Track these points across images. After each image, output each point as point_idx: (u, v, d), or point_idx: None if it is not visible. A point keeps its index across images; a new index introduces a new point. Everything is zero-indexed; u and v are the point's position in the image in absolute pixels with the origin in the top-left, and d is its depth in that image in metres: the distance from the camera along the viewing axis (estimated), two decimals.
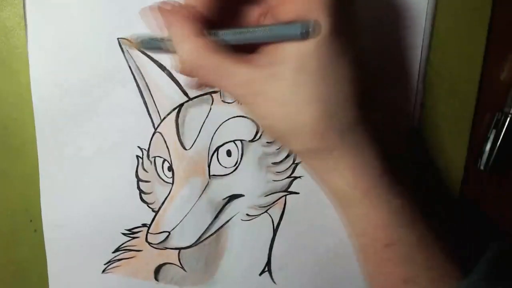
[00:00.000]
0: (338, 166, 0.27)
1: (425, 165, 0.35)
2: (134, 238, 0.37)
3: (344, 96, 0.25)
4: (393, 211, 0.27)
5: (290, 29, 0.24)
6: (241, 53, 0.26)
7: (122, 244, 0.37)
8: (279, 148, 0.36)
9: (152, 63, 0.34)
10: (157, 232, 0.36)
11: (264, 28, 0.25)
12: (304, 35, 0.23)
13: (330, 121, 0.25)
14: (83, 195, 0.36)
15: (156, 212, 0.36)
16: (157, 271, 0.38)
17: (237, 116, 0.35)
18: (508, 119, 0.34)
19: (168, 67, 0.34)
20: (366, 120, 0.27)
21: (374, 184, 0.27)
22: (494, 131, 0.35)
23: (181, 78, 0.34)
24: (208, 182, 0.36)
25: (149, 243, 0.37)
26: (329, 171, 0.27)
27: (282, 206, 0.37)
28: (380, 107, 0.34)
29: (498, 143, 0.34)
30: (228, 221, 0.37)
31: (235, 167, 0.36)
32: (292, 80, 0.24)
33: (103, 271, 0.37)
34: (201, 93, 0.34)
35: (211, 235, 0.37)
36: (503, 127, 0.34)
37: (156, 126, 0.35)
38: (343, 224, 0.30)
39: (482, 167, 0.35)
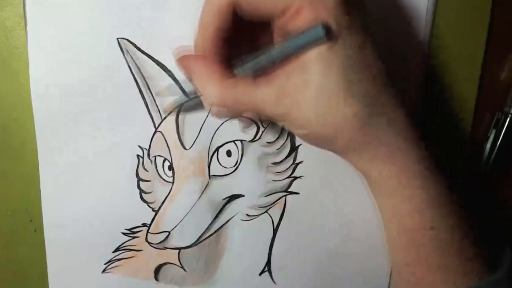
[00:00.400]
0: (377, 158, 0.27)
1: None
2: (134, 237, 0.37)
3: (374, 86, 0.26)
4: (432, 195, 0.27)
5: (312, 34, 0.24)
6: (263, 76, 0.27)
7: (122, 244, 0.37)
8: (279, 148, 0.36)
9: (152, 63, 0.34)
10: (157, 232, 0.36)
11: (284, 43, 0.25)
12: (328, 34, 0.24)
13: (368, 112, 0.26)
14: (83, 194, 0.36)
15: (156, 212, 0.36)
16: (157, 271, 0.38)
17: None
18: (508, 119, 0.34)
19: (168, 67, 0.34)
20: (400, 101, 0.27)
21: (413, 169, 0.27)
22: (494, 131, 0.35)
23: (181, 78, 0.34)
24: (208, 182, 0.36)
25: (149, 243, 0.37)
26: (369, 162, 0.28)
27: (282, 206, 0.37)
28: None
29: (498, 143, 0.34)
30: (228, 221, 0.37)
31: (235, 167, 0.36)
32: (320, 86, 0.25)
33: (103, 271, 0.37)
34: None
35: (211, 235, 0.37)
36: (503, 127, 0.34)
37: (156, 126, 0.35)
38: (380, 212, 0.30)
39: (482, 167, 0.35)
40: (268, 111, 0.27)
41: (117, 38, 0.33)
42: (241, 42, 0.28)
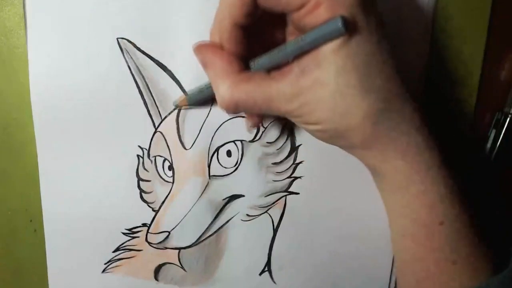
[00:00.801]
0: (389, 153, 0.27)
1: None
2: (134, 237, 0.37)
3: (388, 83, 0.26)
4: (444, 191, 0.27)
5: (331, 26, 0.23)
6: (274, 72, 0.27)
7: (122, 244, 0.37)
8: (279, 148, 0.36)
9: (152, 63, 0.34)
10: (157, 232, 0.36)
11: (300, 36, 0.25)
12: (346, 28, 0.23)
13: (382, 108, 0.26)
14: (83, 194, 0.36)
15: (156, 212, 0.36)
16: (157, 271, 0.38)
17: (237, 116, 0.35)
18: (508, 119, 0.34)
19: (168, 67, 0.34)
20: (411, 99, 0.27)
21: (425, 165, 0.27)
22: (494, 131, 0.35)
23: (181, 78, 0.34)
24: (208, 182, 0.36)
25: (149, 243, 0.37)
26: (381, 158, 0.28)
27: (282, 206, 0.37)
28: None
29: (498, 143, 0.34)
30: (228, 221, 0.37)
31: (235, 167, 0.36)
32: (335, 83, 0.25)
33: (103, 270, 0.37)
34: None
35: (211, 235, 0.37)
36: (503, 127, 0.34)
37: (156, 126, 0.35)
38: (387, 209, 0.30)
39: (482, 167, 0.35)
40: (282, 107, 0.26)
41: (117, 38, 0.33)
42: (257, 37, 0.28)
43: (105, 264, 0.37)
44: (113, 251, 0.37)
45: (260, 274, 0.38)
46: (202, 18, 0.33)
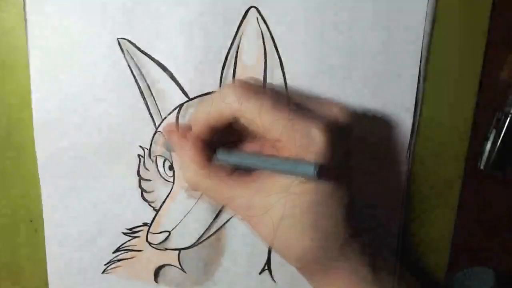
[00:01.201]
0: (326, 281, 0.29)
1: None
2: (134, 237, 0.37)
3: (338, 223, 0.27)
4: None
5: (304, 168, 0.25)
6: (238, 172, 0.28)
7: (122, 244, 0.37)
8: None
9: (152, 63, 0.34)
10: (158, 231, 0.36)
11: (277, 160, 0.26)
12: (317, 175, 0.24)
13: (325, 248, 0.27)
14: (83, 194, 0.36)
15: (157, 211, 0.36)
16: (157, 273, 0.38)
17: None
18: (508, 119, 0.34)
19: (168, 67, 0.34)
20: (356, 235, 0.28)
21: None
22: (494, 131, 0.35)
23: (181, 79, 0.34)
24: None
25: (150, 243, 0.37)
26: (319, 283, 0.29)
27: None
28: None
29: (498, 143, 0.34)
30: (228, 220, 0.37)
31: None
32: (285, 214, 0.26)
33: (103, 271, 0.37)
34: (201, 93, 0.34)
35: (211, 235, 0.37)
36: (503, 127, 0.34)
37: (157, 126, 0.35)
38: None
39: (482, 167, 0.35)
40: (237, 209, 0.28)
41: (117, 38, 0.33)
42: (230, 132, 0.29)
43: (105, 265, 0.37)
44: (113, 252, 0.37)
45: (260, 273, 0.38)
46: (202, 19, 0.33)
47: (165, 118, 0.35)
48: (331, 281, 0.29)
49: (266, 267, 0.38)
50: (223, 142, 0.29)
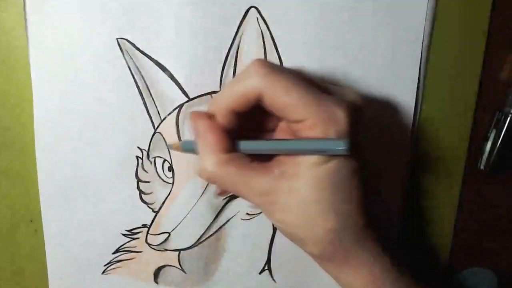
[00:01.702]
0: (355, 274, 0.28)
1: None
2: (134, 239, 0.37)
3: (355, 209, 0.27)
4: None
5: (334, 144, 0.25)
6: (258, 161, 0.28)
7: (122, 245, 0.37)
8: None
9: (152, 63, 0.34)
10: (157, 233, 0.36)
11: (302, 141, 0.26)
12: (347, 151, 0.24)
13: (342, 232, 0.27)
14: (83, 195, 0.36)
15: (156, 213, 0.36)
16: (157, 273, 0.38)
17: None
18: (508, 119, 0.34)
19: (168, 68, 0.34)
20: (371, 224, 0.28)
21: (380, 281, 0.28)
22: (494, 131, 0.35)
23: (181, 79, 0.34)
24: (208, 183, 0.35)
25: (149, 245, 0.37)
26: (338, 271, 0.29)
27: None
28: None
29: (498, 143, 0.34)
30: (228, 221, 0.37)
31: None
32: (306, 196, 0.26)
33: (103, 272, 0.37)
34: (201, 93, 0.34)
35: (211, 235, 0.37)
36: (503, 127, 0.34)
37: (156, 127, 0.35)
38: None
39: (482, 167, 0.35)
40: (252, 197, 0.28)
41: (117, 39, 0.33)
42: (251, 117, 0.28)
43: (104, 265, 0.37)
44: (113, 253, 0.37)
45: (260, 272, 0.38)
46: (202, 19, 0.33)
47: (164, 118, 0.35)
48: (351, 270, 0.28)
49: (266, 267, 0.38)
50: (244, 131, 0.29)
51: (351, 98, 0.27)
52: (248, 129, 0.29)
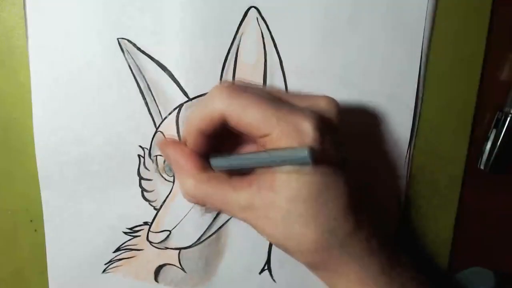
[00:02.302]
0: (345, 281, 0.29)
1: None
2: (135, 236, 0.37)
3: (339, 214, 0.27)
4: None
5: (298, 152, 0.24)
6: (238, 175, 0.28)
7: (123, 244, 0.37)
8: None
9: (152, 63, 0.34)
10: (158, 230, 0.36)
11: (269, 153, 0.26)
12: (311, 159, 0.24)
13: (326, 242, 0.27)
14: (83, 194, 0.36)
15: (158, 210, 0.36)
16: (157, 272, 0.38)
17: None
18: (508, 119, 0.34)
19: (168, 67, 0.34)
20: (365, 224, 0.28)
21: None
22: (494, 131, 0.35)
23: (181, 79, 0.34)
24: None
25: (150, 242, 0.37)
26: (327, 277, 0.30)
27: None
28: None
29: (498, 143, 0.34)
30: (228, 220, 0.37)
31: None
32: (287, 208, 0.26)
33: (104, 271, 0.37)
34: (201, 93, 0.34)
35: (212, 234, 0.37)
36: (503, 127, 0.34)
37: (157, 126, 0.35)
38: None
39: (482, 167, 0.35)
40: (237, 214, 0.28)
41: (117, 38, 0.33)
42: (223, 137, 0.29)
43: (105, 264, 0.37)
44: (114, 251, 0.37)
45: (260, 272, 0.38)
46: (202, 19, 0.33)
47: (165, 118, 0.35)
48: (341, 277, 0.29)
49: (266, 267, 0.38)
50: (217, 151, 0.30)
51: (323, 107, 0.28)
52: (231, 145, 0.30)
